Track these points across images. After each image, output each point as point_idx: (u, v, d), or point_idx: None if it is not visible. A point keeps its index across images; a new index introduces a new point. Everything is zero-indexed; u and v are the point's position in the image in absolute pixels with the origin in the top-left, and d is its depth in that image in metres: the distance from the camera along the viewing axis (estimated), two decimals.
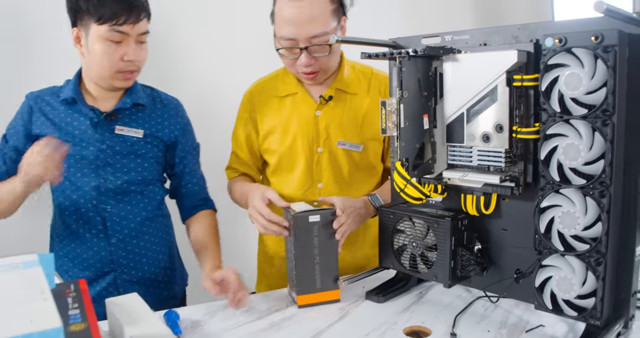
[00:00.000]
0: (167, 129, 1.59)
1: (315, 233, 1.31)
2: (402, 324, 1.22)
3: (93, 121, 1.50)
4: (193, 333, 1.21)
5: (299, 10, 1.42)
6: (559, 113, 1.02)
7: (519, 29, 1.14)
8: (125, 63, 1.45)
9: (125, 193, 1.54)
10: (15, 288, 0.73)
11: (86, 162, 1.50)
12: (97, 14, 1.39)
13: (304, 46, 1.44)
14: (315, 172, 1.59)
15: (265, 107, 1.62)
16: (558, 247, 1.05)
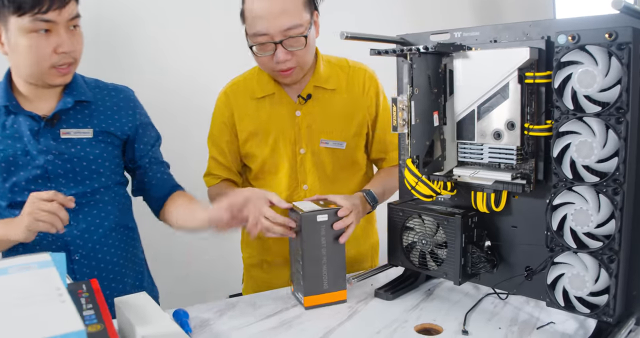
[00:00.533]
0: (120, 123, 1.44)
1: (322, 232, 1.29)
2: (413, 322, 1.22)
3: (33, 130, 1.33)
4: (203, 332, 1.20)
5: (269, 3, 1.39)
6: (572, 110, 1.02)
7: (530, 25, 1.14)
8: (59, 56, 1.27)
9: (82, 205, 1.38)
10: (32, 289, 0.72)
11: (32, 177, 1.34)
12: (15, 4, 1.20)
13: (279, 40, 1.40)
14: (299, 173, 1.56)
15: (243, 110, 1.57)
16: (571, 245, 1.05)
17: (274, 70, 1.47)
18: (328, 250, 1.30)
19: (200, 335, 1.18)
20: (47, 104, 1.36)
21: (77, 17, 1.30)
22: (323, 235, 1.29)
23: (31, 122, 1.33)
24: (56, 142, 1.35)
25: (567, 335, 1.14)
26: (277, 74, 1.48)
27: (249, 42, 1.46)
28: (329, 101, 1.55)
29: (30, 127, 1.33)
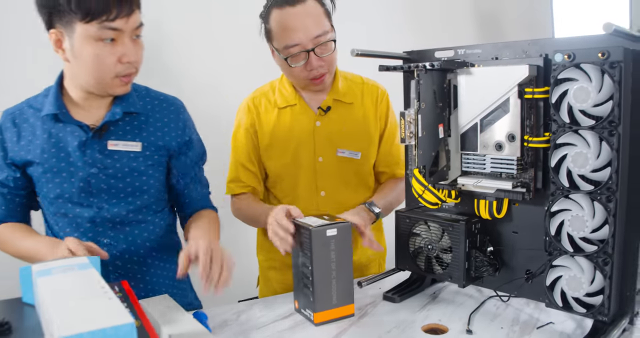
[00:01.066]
0: (169, 137, 1.40)
1: (332, 247, 1.27)
2: (420, 322, 1.29)
3: (80, 140, 1.31)
4: (222, 333, 1.27)
5: (296, 16, 1.48)
6: (568, 124, 1.09)
7: (529, 44, 1.22)
8: (123, 65, 1.25)
9: (123, 224, 1.36)
10: (78, 288, 0.80)
11: (75, 190, 1.32)
12: (83, 10, 1.15)
13: (311, 47, 1.49)
14: (317, 180, 1.64)
15: (265, 118, 1.65)
16: (568, 248, 1.12)
17: (307, 78, 1.54)
18: (337, 264, 1.28)
19: (219, 335, 1.25)
20: (96, 113, 1.33)
21: (141, 26, 1.27)
22: (333, 249, 1.28)
23: (79, 132, 1.31)
24: (102, 155, 1.32)
25: (566, 334, 1.20)
26: (310, 82, 1.56)
27: (281, 55, 1.52)
28: (346, 114, 1.64)
29: (77, 137, 1.31)
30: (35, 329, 0.83)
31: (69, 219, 1.34)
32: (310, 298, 1.29)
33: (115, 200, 1.34)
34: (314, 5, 1.51)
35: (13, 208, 1.38)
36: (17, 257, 1.35)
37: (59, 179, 1.31)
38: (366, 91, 1.68)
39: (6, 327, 0.82)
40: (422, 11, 2.94)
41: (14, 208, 1.39)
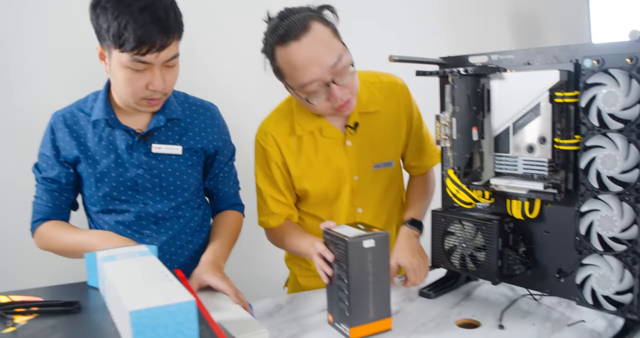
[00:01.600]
0: (206, 140, 1.52)
1: (369, 259, 1.22)
2: (454, 317, 1.34)
3: (128, 144, 1.43)
4: (267, 322, 1.35)
5: (305, 49, 1.34)
6: (597, 127, 1.14)
7: (559, 50, 1.26)
8: (150, 91, 1.34)
9: (165, 220, 1.48)
10: (141, 271, 0.89)
11: (122, 188, 1.44)
12: (117, 41, 1.25)
13: (330, 79, 1.37)
14: (355, 199, 1.59)
15: (292, 148, 1.54)
16: (597, 248, 1.17)
17: (332, 109, 1.44)
18: (374, 277, 1.24)
19: (267, 323, 1.33)
20: (142, 119, 1.45)
21: (175, 57, 1.34)
22: (370, 261, 1.22)
23: (127, 136, 1.43)
24: (147, 157, 1.44)
25: (597, 332, 1.24)
26: (336, 111, 1.45)
27: (299, 94, 1.42)
28: (374, 124, 1.57)
29: (125, 140, 1.42)
30: (100, 308, 0.93)
31: (116, 214, 1.46)
32: (345, 313, 1.24)
33: (159, 198, 1.47)
34: (321, 29, 1.36)
35: (58, 205, 1.48)
36: (63, 252, 1.44)
37: (108, 178, 1.43)
38: (386, 91, 1.59)
39: (76, 306, 0.92)
40: (457, 16, 2.97)
41: (59, 206, 1.48)
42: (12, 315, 0.88)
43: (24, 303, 0.94)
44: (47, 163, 1.45)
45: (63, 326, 0.86)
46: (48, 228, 1.45)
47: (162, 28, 1.25)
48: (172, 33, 1.28)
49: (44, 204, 1.46)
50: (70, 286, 1.05)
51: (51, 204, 1.47)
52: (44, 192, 1.46)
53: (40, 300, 0.96)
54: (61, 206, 1.49)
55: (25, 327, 0.86)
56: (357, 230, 1.25)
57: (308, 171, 1.55)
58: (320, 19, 1.38)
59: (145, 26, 1.23)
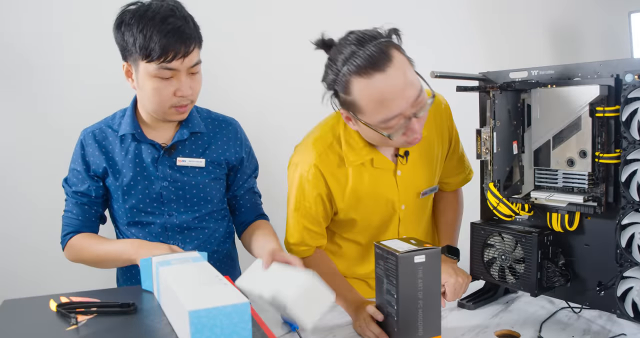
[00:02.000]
0: (229, 153, 1.57)
1: (420, 275, 1.19)
2: (493, 328, 1.36)
3: (153, 157, 1.49)
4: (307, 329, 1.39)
5: (392, 82, 1.24)
6: (638, 141, 1.15)
7: (600, 65, 1.28)
8: (178, 98, 1.40)
9: (190, 230, 1.53)
10: (196, 275, 0.94)
11: (148, 200, 1.50)
12: (144, 52, 1.32)
13: (413, 113, 1.29)
14: (400, 227, 1.57)
15: (339, 181, 1.48)
16: (638, 260, 1.17)
17: (405, 142, 1.36)
18: (425, 293, 1.20)
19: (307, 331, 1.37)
20: (166, 133, 1.52)
21: (198, 64, 1.41)
22: (420, 277, 1.19)
23: (152, 150, 1.49)
24: (172, 170, 1.50)
25: None
26: (408, 144, 1.37)
27: (379, 130, 1.32)
28: (422, 150, 1.53)
29: (151, 154, 1.49)
30: (155, 310, 0.98)
31: (143, 226, 1.51)
32: (394, 328, 1.22)
33: (183, 209, 1.52)
34: (401, 58, 1.27)
35: (88, 218, 1.53)
36: (95, 262, 1.48)
37: (134, 191, 1.49)
38: (432, 112, 1.52)
39: (133, 307, 0.97)
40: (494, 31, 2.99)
41: (89, 219, 1.53)
42: (74, 314, 0.94)
43: (83, 304, 0.99)
44: (77, 177, 1.51)
45: (121, 325, 0.92)
46: (79, 240, 1.50)
47: (184, 36, 1.34)
48: (193, 40, 1.36)
49: (74, 218, 1.52)
50: (126, 289, 1.11)
51: (81, 217, 1.52)
52: (74, 205, 1.52)
53: (99, 301, 1.01)
54: (91, 219, 1.54)
55: (86, 325, 0.91)
56: (408, 244, 1.22)
57: (356, 203, 1.50)
58: (397, 46, 1.30)
59: (169, 35, 1.31)
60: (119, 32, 1.37)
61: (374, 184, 1.49)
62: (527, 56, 3.03)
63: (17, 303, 1.05)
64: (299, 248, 1.55)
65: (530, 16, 3.10)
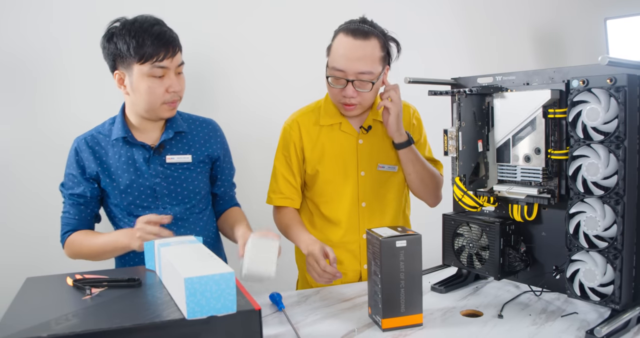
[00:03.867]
0: (211, 149, 1.77)
1: (401, 258, 1.34)
2: (460, 308, 1.51)
3: (145, 157, 1.65)
4: (295, 308, 1.54)
5: (354, 47, 1.64)
6: (582, 139, 1.31)
7: (554, 71, 1.44)
8: (170, 94, 1.59)
9: (183, 220, 1.70)
10: (191, 253, 1.10)
11: (144, 196, 1.66)
12: (139, 55, 1.53)
13: (351, 79, 1.65)
14: (359, 193, 1.81)
15: (311, 135, 1.81)
16: (584, 245, 1.33)
17: (339, 102, 1.73)
18: (406, 274, 1.35)
19: (293, 310, 1.52)
20: (153, 135, 1.69)
21: (182, 64, 1.64)
22: (402, 260, 1.34)
23: (143, 151, 1.66)
24: (163, 167, 1.67)
25: (586, 321, 1.39)
26: (341, 106, 1.73)
27: (327, 72, 1.71)
28: (383, 132, 1.80)
29: (142, 155, 1.66)
30: (157, 285, 1.14)
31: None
32: (379, 305, 1.37)
33: (175, 202, 1.70)
34: (375, 47, 1.66)
35: (84, 217, 1.68)
36: (93, 255, 1.62)
37: (130, 189, 1.65)
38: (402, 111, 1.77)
39: (138, 282, 1.13)
40: (480, 37, 3.14)
41: (85, 218, 1.68)
42: (88, 287, 1.10)
43: (96, 279, 1.15)
44: (73, 181, 1.67)
45: (129, 296, 1.08)
46: (76, 237, 1.65)
47: (170, 39, 1.58)
48: (177, 42, 1.61)
49: (72, 217, 1.67)
50: (131, 269, 1.27)
51: (78, 217, 1.67)
52: (71, 206, 1.67)
53: (109, 277, 1.17)
54: (87, 218, 1.69)
55: (99, 295, 1.07)
56: (394, 231, 1.38)
57: (321, 157, 1.80)
58: (382, 42, 1.69)
59: (158, 38, 1.55)
60: (112, 43, 1.57)
61: (338, 144, 1.80)
62: (512, 60, 3.19)
63: (38, 280, 1.21)
64: (275, 196, 1.85)
65: (514, 23, 3.25)
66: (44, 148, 2.16)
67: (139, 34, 1.53)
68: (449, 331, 1.36)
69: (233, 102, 2.48)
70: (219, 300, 0.94)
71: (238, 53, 2.48)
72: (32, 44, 2.14)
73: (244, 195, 2.05)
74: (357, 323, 1.43)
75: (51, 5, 2.14)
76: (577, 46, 3.43)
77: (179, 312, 0.96)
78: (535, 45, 3.31)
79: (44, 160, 2.15)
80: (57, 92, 2.20)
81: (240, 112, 2.50)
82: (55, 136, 2.16)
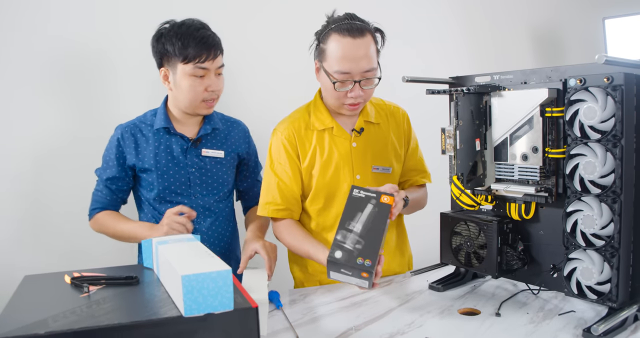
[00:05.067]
0: (241, 147, 1.92)
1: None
2: (458, 306, 1.51)
3: (183, 147, 1.80)
4: (291, 308, 1.55)
5: (354, 47, 1.59)
6: (579, 137, 1.31)
7: (551, 70, 1.44)
8: (208, 93, 1.73)
9: (211, 209, 1.86)
10: (189, 251, 1.10)
11: (178, 183, 1.80)
12: (183, 55, 1.67)
13: (358, 79, 1.61)
14: None
15: (306, 141, 1.76)
16: (581, 243, 1.33)
17: (344, 103, 1.67)
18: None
19: (291, 309, 1.53)
20: (193, 128, 1.85)
21: (222, 66, 1.77)
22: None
23: (182, 142, 1.81)
24: (198, 159, 1.83)
25: (584, 320, 1.39)
26: (346, 107, 1.68)
27: (329, 78, 1.63)
28: (376, 134, 1.79)
29: (180, 145, 1.80)
30: (154, 282, 1.14)
31: (171, 205, 1.79)
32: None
33: (205, 192, 1.85)
34: (371, 41, 1.63)
35: (114, 199, 1.85)
36: (114, 237, 1.81)
37: (167, 175, 1.80)
38: (389, 113, 1.84)
39: (135, 279, 1.13)
40: (479, 36, 3.14)
41: (115, 200, 1.85)
42: (86, 285, 1.10)
43: (93, 277, 1.16)
44: (109, 166, 1.81)
45: (126, 293, 1.08)
46: (104, 217, 1.83)
47: (213, 42, 1.71)
48: (219, 46, 1.74)
49: (103, 197, 1.83)
50: (129, 267, 1.27)
51: (109, 197, 1.84)
52: (104, 187, 1.83)
53: (106, 275, 1.17)
54: (116, 200, 1.86)
55: (96, 293, 1.08)
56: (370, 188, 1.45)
57: (316, 163, 1.75)
58: (373, 35, 1.67)
59: (202, 41, 1.68)
60: (159, 43, 1.72)
61: (332, 149, 1.76)
62: (510, 60, 3.19)
63: (36, 278, 1.21)
64: (270, 207, 1.76)
65: (513, 22, 3.25)
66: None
67: (184, 37, 1.67)
68: (446, 329, 1.37)
69: (237, 102, 2.49)
70: (216, 298, 0.94)
71: (242, 53, 2.48)
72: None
73: None
74: (355, 321, 1.43)
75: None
76: (575, 45, 3.43)
77: (176, 310, 0.96)
78: (534, 45, 3.31)
79: (51, 163, 2.16)
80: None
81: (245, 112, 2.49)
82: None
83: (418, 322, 1.41)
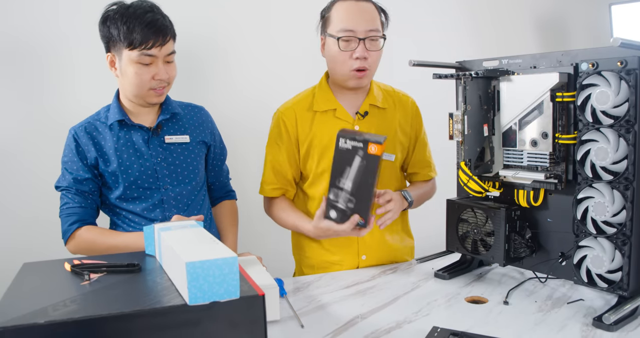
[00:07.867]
0: (204, 133, 1.78)
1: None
2: (464, 294, 1.49)
3: (144, 138, 1.65)
4: (297, 295, 1.52)
5: (357, 7, 1.63)
6: (591, 123, 1.28)
7: (562, 54, 1.41)
8: (156, 81, 1.58)
9: (184, 201, 1.70)
10: (194, 237, 1.07)
11: (144, 176, 1.64)
12: (128, 41, 1.52)
13: (362, 37, 1.62)
14: None
15: (306, 123, 1.75)
16: (591, 231, 1.31)
17: (351, 68, 1.65)
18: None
19: (295, 296, 1.51)
20: (149, 117, 1.69)
21: (173, 53, 1.62)
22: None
23: (142, 133, 1.66)
24: (162, 148, 1.68)
25: (593, 308, 1.37)
26: (352, 74, 1.66)
27: (334, 36, 1.64)
28: (381, 118, 1.76)
29: (141, 136, 1.66)
30: (157, 270, 1.11)
31: (140, 201, 1.66)
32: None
33: (176, 183, 1.70)
34: (374, 8, 1.67)
35: (89, 205, 1.64)
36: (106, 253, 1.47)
37: (131, 170, 1.64)
38: (397, 100, 1.81)
39: (137, 267, 1.10)
40: (481, 21, 3.09)
41: (90, 206, 1.65)
42: (87, 272, 1.07)
43: (94, 264, 1.13)
44: (73, 168, 1.63)
45: (128, 281, 1.05)
46: (87, 233, 1.61)
47: (161, 27, 1.56)
48: (169, 32, 1.59)
49: (76, 206, 1.62)
50: (131, 254, 1.24)
51: (83, 204, 1.63)
52: (75, 195, 1.63)
53: (107, 262, 1.15)
54: (91, 206, 1.66)
55: (98, 281, 1.05)
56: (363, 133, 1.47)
57: (317, 146, 1.74)
58: (378, 9, 1.69)
59: (149, 26, 1.53)
60: (105, 26, 1.57)
61: (333, 132, 1.64)
62: (514, 46, 3.15)
63: (36, 265, 1.18)
64: (269, 186, 1.82)
65: (518, 8, 3.20)
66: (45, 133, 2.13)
67: (130, 20, 1.53)
68: (454, 317, 1.34)
69: (230, 91, 2.44)
70: (221, 286, 0.91)
71: (236, 42, 2.44)
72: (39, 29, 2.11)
73: (239, 184, 2.05)
74: (361, 309, 1.41)
75: None
76: (581, 32, 3.39)
77: (180, 298, 0.93)
78: (539, 31, 3.27)
79: (43, 147, 2.12)
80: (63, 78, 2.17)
81: (237, 100, 2.46)
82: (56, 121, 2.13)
83: (425, 310, 1.39)
